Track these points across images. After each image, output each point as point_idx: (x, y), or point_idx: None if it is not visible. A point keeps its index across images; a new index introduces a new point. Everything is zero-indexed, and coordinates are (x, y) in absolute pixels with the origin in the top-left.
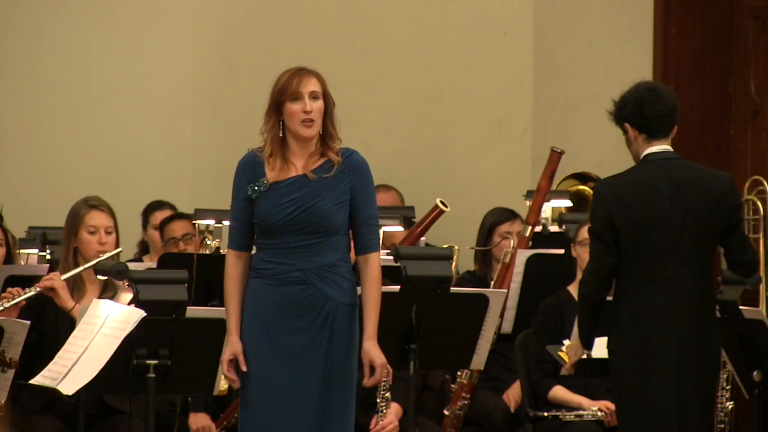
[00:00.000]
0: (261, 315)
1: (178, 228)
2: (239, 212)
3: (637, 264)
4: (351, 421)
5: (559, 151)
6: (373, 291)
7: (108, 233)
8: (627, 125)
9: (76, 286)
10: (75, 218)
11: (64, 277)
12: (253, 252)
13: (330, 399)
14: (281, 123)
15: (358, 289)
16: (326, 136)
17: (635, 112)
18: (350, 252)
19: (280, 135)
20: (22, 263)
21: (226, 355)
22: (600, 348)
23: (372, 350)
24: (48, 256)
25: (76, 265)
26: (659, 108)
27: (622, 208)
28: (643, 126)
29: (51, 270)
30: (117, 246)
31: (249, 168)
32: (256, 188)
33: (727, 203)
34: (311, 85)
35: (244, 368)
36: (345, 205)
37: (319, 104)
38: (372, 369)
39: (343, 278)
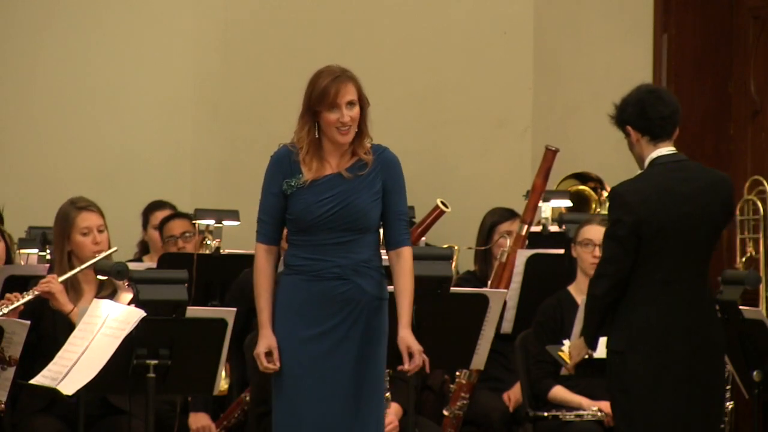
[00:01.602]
0: (296, 310)
1: (176, 226)
2: (271, 206)
3: (654, 266)
4: (382, 403)
5: (553, 149)
6: (407, 283)
7: (100, 232)
8: (629, 128)
9: (73, 287)
10: (65, 222)
11: (61, 279)
12: (284, 248)
13: (363, 385)
14: (317, 125)
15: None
16: (358, 134)
17: (637, 114)
18: (380, 248)
19: (316, 136)
20: (22, 263)
21: (261, 348)
22: (601, 348)
23: (408, 338)
24: (48, 256)
25: (72, 268)
26: (661, 109)
27: (649, 213)
28: (645, 128)
29: (51, 270)
30: (109, 243)
31: (284, 163)
32: (292, 184)
33: (729, 204)
34: (349, 95)
35: (277, 364)
36: (379, 201)
37: (355, 111)
38: (410, 356)
39: (377, 272)
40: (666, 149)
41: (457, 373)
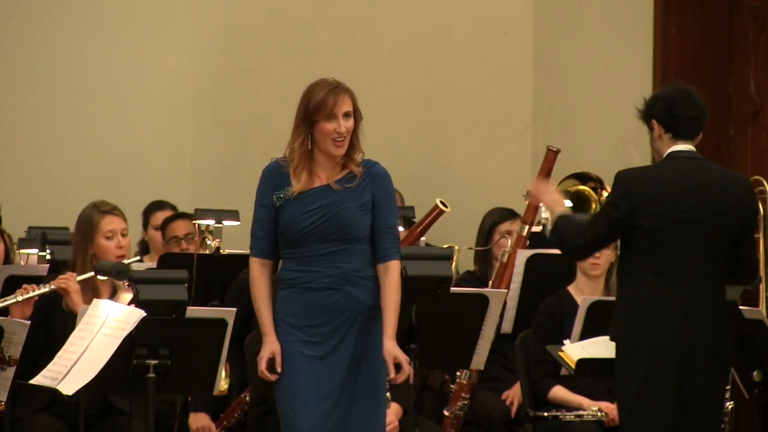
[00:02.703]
0: (290, 322)
1: (180, 227)
2: (263, 220)
3: (652, 258)
4: (383, 403)
5: (554, 149)
6: (392, 296)
7: (124, 236)
8: (654, 122)
9: (91, 288)
10: (89, 225)
11: (79, 279)
12: (280, 264)
13: (360, 387)
14: (310, 136)
15: None
16: (350, 148)
17: (664, 110)
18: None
19: (309, 148)
20: (22, 263)
21: (264, 353)
22: (600, 348)
23: (393, 348)
24: (48, 256)
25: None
26: (688, 109)
27: (646, 202)
28: (669, 125)
29: (51, 270)
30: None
31: (275, 176)
32: (281, 196)
33: (747, 206)
34: (346, 106)
35: (279, 369)
36: (367, 213)
37: (350, 123)
38: (397, 366)
39: (369, 281)
40: (683, 146)
41: (458, 373)
